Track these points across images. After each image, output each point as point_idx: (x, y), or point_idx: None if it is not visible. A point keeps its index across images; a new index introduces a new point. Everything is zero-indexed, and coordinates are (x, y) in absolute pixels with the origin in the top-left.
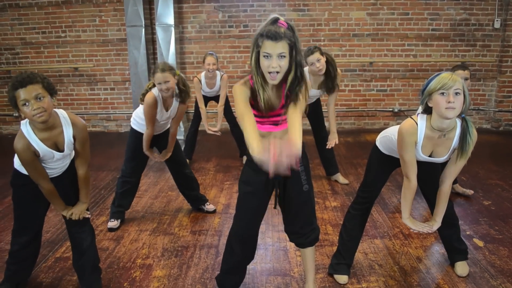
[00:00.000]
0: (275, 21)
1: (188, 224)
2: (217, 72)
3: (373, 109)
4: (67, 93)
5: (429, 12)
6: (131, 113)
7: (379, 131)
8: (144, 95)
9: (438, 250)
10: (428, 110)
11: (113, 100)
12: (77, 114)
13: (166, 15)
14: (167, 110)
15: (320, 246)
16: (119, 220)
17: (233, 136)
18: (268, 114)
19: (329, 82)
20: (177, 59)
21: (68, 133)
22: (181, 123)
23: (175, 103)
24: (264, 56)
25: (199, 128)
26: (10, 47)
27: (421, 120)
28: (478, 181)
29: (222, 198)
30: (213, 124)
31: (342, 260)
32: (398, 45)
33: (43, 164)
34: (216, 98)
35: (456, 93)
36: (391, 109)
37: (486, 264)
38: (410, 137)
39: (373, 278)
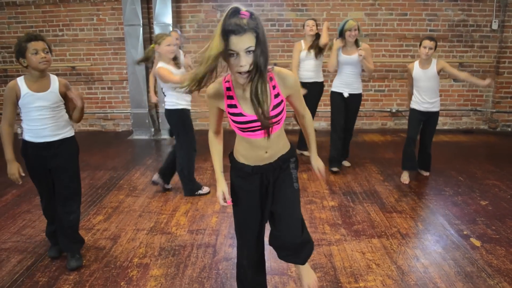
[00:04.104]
0: (235, 12)
1: (186, 223)
2: None
3: (371, 109)
4: None
5: (427, 13)
6: (129, 112)
7: (376, 131)
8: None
9: (435, 249)
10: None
11: (111, 99)
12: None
13: (164, 14)
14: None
15: (318, 246)
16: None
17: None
18: (269, 115)
19: (317, 42)
20: None
21: (55, 84)
22: None
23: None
24: (230, 54)
25: (200, 128)
26: (7, 46)
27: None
28: (475, 181)
29: None
30: None
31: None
32: (396, 45)
33: (30, 112)
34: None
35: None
36: (388, 110)
37: (483, 264)
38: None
39: (370, 278)
